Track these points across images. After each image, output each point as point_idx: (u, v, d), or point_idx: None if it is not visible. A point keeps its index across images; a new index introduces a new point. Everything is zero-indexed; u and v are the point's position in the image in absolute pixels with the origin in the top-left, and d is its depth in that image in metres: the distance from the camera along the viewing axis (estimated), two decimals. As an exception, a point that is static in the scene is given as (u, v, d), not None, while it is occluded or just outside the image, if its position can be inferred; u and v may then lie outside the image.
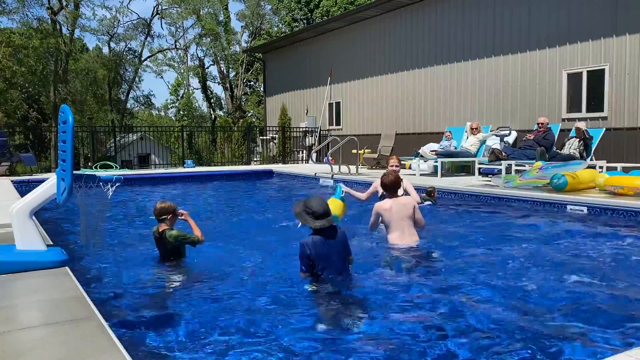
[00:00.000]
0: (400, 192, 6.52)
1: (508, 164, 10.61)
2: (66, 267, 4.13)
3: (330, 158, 15.07)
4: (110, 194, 4.48)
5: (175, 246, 4.95)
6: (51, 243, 4.80)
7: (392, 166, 7.01)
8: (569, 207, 7.95)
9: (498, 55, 13.58)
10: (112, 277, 4.74)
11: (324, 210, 4.16)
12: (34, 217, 4.36)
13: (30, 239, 4.22)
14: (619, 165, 10.16)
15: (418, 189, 9.30)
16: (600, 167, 10.29)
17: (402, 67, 16.63)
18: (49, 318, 3.08)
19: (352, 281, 4.29)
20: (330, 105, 20.11)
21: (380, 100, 17.64)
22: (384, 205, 5.40)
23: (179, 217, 5.09)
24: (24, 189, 10.04)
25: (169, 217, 4.94)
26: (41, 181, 4.55)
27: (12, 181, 11.75)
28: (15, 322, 3.00)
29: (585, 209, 7.74)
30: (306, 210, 4.19)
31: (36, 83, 29.67)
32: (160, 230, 4.94)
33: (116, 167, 15.98)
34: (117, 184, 4.53)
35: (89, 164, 18.57)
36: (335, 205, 5.95)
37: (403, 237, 5.34)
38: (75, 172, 4.10)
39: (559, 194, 8.35)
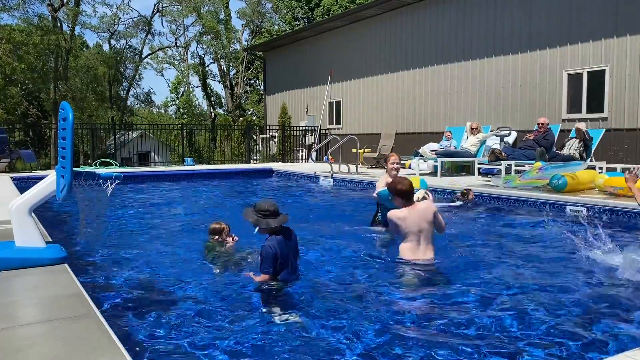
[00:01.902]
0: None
1: (508, 164, 10.62)
2: (65, 264, 4.13)
3: (330, 157, 15.08)
4: (110, 191, 4.48)
5: None
6: (50, 240, 4.79)
7: (393, 164, 6.37)
8: (568, 207, 7.95)
9: (499, 55, 13.58)
10: (111, 274, 4.74)
11: (276, 209, 4.21)
12: (33, 214, 4.35)
13: (29, 236, 4.22)
14: (619, 166, 10.16)
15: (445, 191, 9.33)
16: (600, 168, 10.29)
17: (403, 67, 16.62)
18: (48, 315, 3.07)
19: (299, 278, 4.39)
20: (331, 104, 20.10)
21: (381, 100, 17.64)
22: (399, 214, 4.80)
23: (225, 243, 5.41)
24: (23, 185, 10.04)
25: (215, 237, 5.40)
26: (41, 178, 4.54)
27: (11, 178, 11.74)
28: (13, 318, 3.00)
29: (584, 210, 7.74)
30: (261, 214, 4.18)
31: (36, 80, 29.64)
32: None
33: (116, 165, 15.96)
34: (116, 182, 4.53)
35: (89, 161, 18.57)
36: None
37: (416, 250, 4.75)
38: (74, 169, 4.09)
39: (558, 194, 8.35)
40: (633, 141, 11.00)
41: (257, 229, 4.21)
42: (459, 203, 8.86)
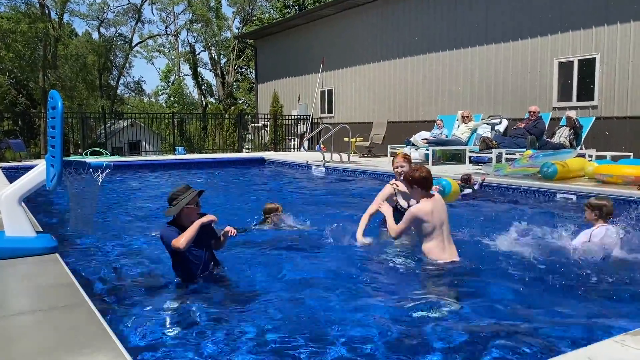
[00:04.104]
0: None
1: (499, 153, 10.66)
2: (56, 254, 4.11)
3: (322, 146, 15.06)
4: (101, 180, 4.46)
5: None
6: (41, 229, 4.77)
7: (397, 168, 5.18)
8: (558, 195, 8.01)
9: (490, 44, 13.57)
10: (102, 263, 4.73)
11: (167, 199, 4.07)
12: (23, 204, 4.33)
13: (20, 226, 4.20)
14: (608, 154, 10.24)
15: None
16: (590, 156, 10.36)
17: (394, 55, 16.59)
18: (39, 304, 3.07)
19: None
20: (322, 92, 20.05)
21: (372, 88, 17.61)
22: (426, 208, 4.24)
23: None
24: (13, 175, 9.95)
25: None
26: (30, 167, 4.51)
27: (0, 167, 11.65)
28: (4, 308, 2.99)
29: (574, 197, 7.80)
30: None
31: (25, 68, 29.33)
32: None
33: (106, 154, 15.87)
34: (107, 171, 4.51)
35: (79, 150, 18.44)
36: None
37: (443, 248, 4.28)
38: (65, 158, 4.07)
39: (548, 182, 8.41)
40: (622, 129, 11.07)
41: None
42: (467, 192, 8.75)
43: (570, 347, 2.84)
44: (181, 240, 3.82)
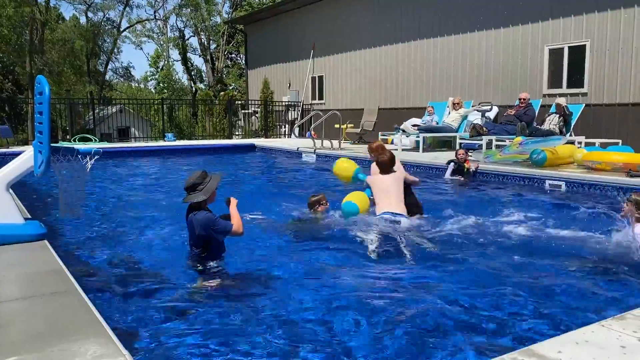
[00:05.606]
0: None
1: (489, 139, 10.69)
2: (45, 241, 4.09)
3: (312, 133, 15.03)
4: (89, 167, 4.43)
5: None
6: (29, 216, 4.73)
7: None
8: (547, 182, 8.07)
9: (481, 30, 13.54)
10: (91, 250, 4.71)
11: (186, 185, 4.00)
12: (10, 190, 4.29)
13: (7, 212, 4.16)
14: (597, 141, 10.31)
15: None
16: (579, 143, 10.42)
17: (385, 42, 16.51)
18: (28, 291, 3.05)
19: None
20: (313, 79, 19.95)
21: (363, 75, 17.55)
22: (372, 180, 5.57)
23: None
24: (0, 161, 9.84)
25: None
26: (18, 154, 4.47)
27: (-13, 154, 11.51)
28: (-7, 295, 2.97)
29: (563, 184, 7.86)
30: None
31: (11, 53, 28.90)
32: None
33: (95, 140, 15.72)
34: (95, 157, 4.48)
35: (67, 136, 18.27)
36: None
37: (390, 205, 5.29)
38: (53, 144, 4.03)
39: (538, 169, 8.46)
40: (612, 116, 11.13)
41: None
42: (451, 169, 8.90)
43: (557, 330, 2.88)
44: (241, 226, 3.97)
